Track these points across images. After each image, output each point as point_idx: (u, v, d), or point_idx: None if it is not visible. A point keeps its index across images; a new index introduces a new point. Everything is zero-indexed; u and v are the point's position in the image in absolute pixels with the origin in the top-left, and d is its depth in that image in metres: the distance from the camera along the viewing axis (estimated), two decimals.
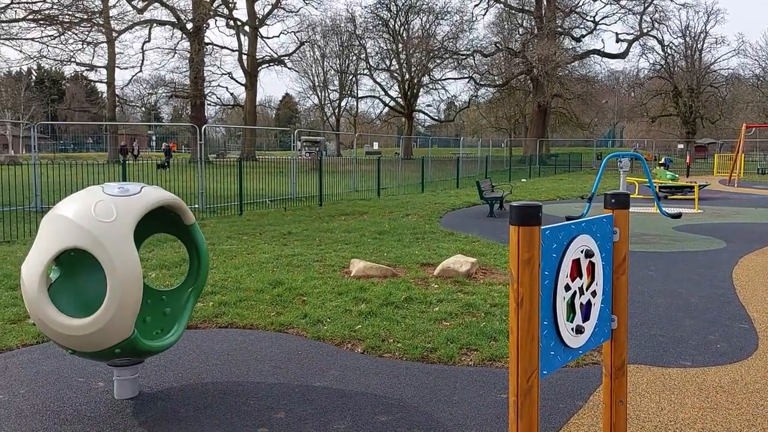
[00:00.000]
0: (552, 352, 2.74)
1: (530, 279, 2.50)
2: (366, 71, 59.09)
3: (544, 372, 2.67)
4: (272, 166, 19.51)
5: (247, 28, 47.90)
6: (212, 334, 5.16)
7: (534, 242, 2.50)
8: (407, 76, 55.47)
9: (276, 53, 52.02)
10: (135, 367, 3.90)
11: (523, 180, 30.21)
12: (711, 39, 63.50)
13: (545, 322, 2.68)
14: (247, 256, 8.42)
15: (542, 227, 2.58)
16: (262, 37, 50.54)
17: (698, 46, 57.58)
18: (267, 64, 51.07)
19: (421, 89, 57.41)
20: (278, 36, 64.81)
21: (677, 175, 23.59)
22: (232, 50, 49.37)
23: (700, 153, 52.34)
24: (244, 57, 48.27)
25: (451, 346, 4.69)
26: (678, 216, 13.88)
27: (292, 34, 52.88)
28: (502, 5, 54.04)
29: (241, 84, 50.34)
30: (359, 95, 63.68)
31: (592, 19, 54.40)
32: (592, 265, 2.96)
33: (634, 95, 64.28)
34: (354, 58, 59.50)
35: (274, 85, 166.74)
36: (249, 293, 6.28)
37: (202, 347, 4.81)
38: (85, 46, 34.52)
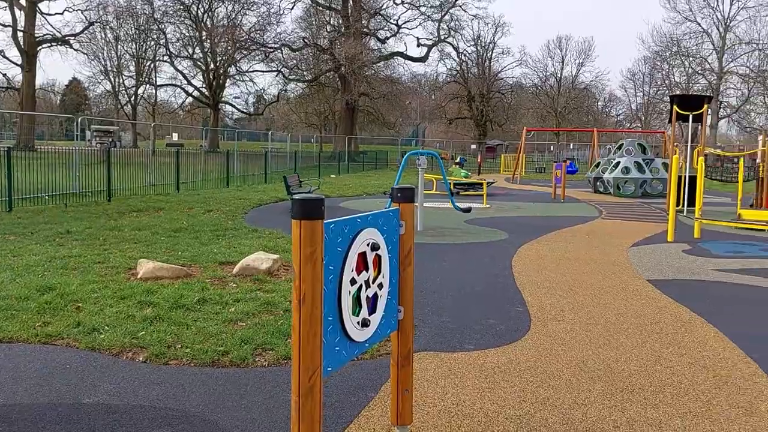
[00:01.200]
0: (337, 348, 2.66)
1: (313, 274, 2.39)
2: (166, 58, 55.52)
3: (329, 369, 2.58)
4: (54, 158, 17.37)
5: (23, 1, 42.27)
6: None
7: (316, 237, 2.39)
8: (212, 65, 53.23)
9: (60, 32, 46.67)
10: None
11: (332, 176, 30.68)
12: (499, 49, 70.53)
13: (330, 318, 2.59)
14: (11, 258, 7.30)
15: (326, 221, 2.48)
16: (42, 12, 45.01)
17: (488, 54, 63.52)
18: (49, 44, 45.64)
19: (228, 80, 55.54)
20: (62, 13, 58.09)
21: (470, 173, 25.68)
22: (5, 26, 43.28)
23: (490, 153, 57.68)
24: (20, 34, 42.56)
25: (245, 348, 4.46)
26: (468, 210, 14.99)
27: (79, 12, 47.59)
28: (309, 1, 54.37)
29: (17, 64, 44.43)
30: (158, 83, 59.73)
31: (395, 22, 57.24)
32: (378, 258, 2.94)
33: (434, 98, 68.92)
34: (152, 43, 55.51)
35: (58, 67, 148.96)
36: (10, 301, 5.41)
37: None
38: None
